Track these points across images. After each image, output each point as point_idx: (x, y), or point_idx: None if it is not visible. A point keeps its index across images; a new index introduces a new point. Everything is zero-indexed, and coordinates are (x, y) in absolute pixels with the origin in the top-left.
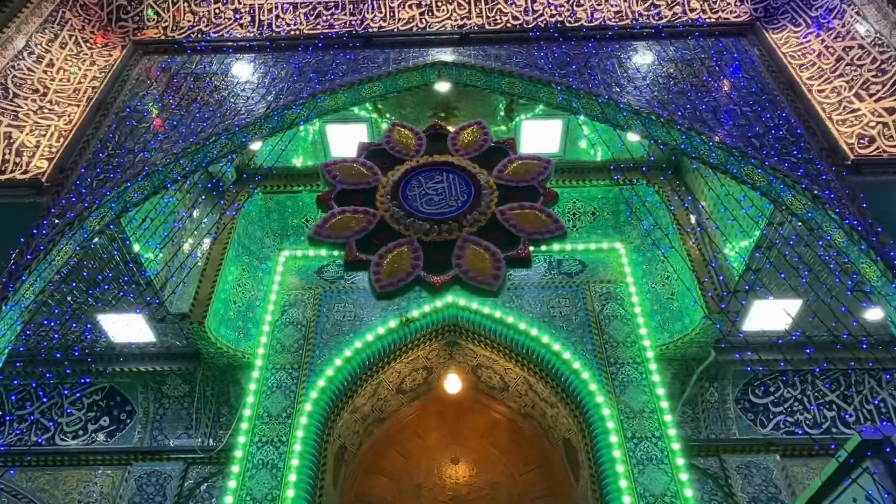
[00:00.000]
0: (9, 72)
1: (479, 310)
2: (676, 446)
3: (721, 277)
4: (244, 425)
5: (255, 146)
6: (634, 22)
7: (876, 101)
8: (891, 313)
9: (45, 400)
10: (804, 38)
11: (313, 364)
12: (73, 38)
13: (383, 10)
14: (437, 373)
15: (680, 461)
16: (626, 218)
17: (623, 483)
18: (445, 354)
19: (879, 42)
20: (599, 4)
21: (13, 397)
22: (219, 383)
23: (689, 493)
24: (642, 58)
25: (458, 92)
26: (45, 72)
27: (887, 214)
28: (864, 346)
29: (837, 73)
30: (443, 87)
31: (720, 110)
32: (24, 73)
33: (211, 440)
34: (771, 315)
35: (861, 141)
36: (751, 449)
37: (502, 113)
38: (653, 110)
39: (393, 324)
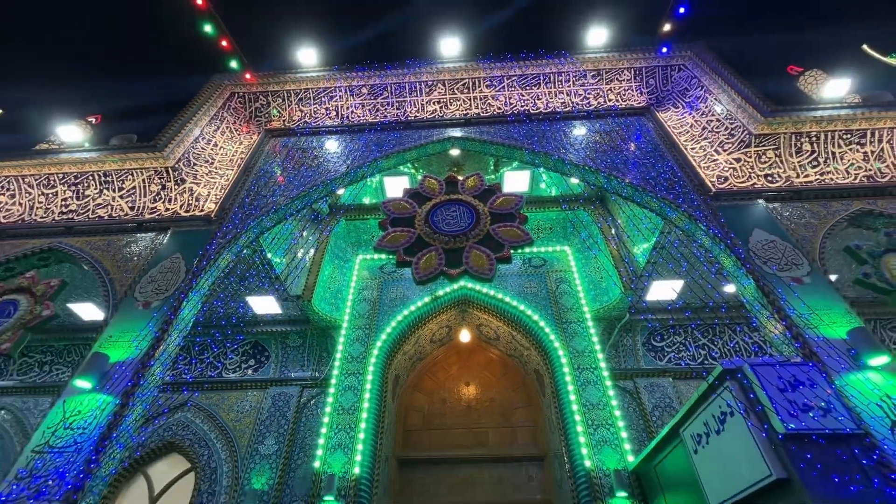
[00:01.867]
0: (190, 150)
1: (480, 290)
2: (605, 373)
3: (632, 268)
4: (337, 363)
5: (340, 192)
6: (573, 108)
7: (728, 153)
8: (740, 288)
9: (215, 349)
10: (681, 115)
11: (378, 325)
12: (228, 129)
13: (417, 105)
14: (455, 329)
15: (608, 383)
16: (571, 230)
17: (572, 397)
18: (459, 318)
19: (730, 117)
20: (551, 99)
21: (196, 348)
22: (320, 338)
23: (614, 402)
24: (579, 131)
25: (465, 154)
26: (211, 149)
27: (737, 225)
28: (724, 309)
29: (703, 136)
30: (454, 151)
31: (629, 162)
32: (198, 151)
33: (316, 373)
34: (664, 290)
35: (719, 179)
36: (653, 374)
37: (492, 167)
38: (586, 163)
39: (427, 299)
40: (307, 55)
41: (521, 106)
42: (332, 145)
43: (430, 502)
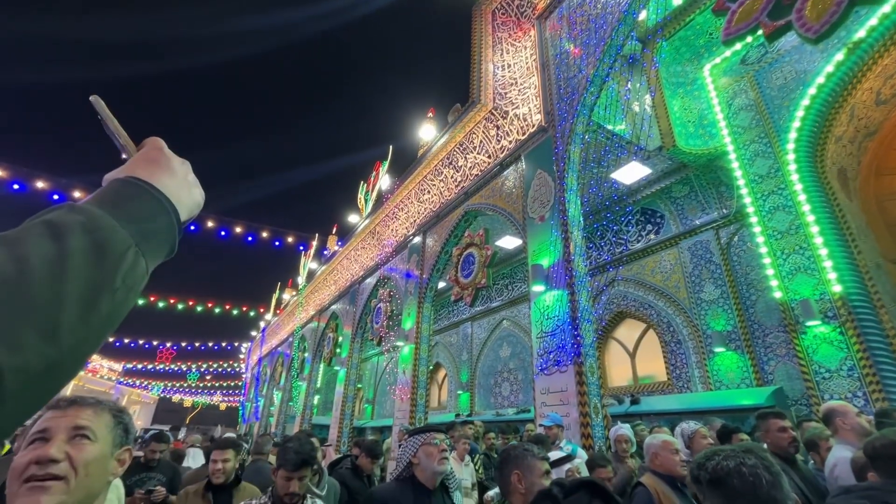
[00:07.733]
0: (496, 84)
1: None
2: None
3: None
4: (744, 191)
5: (641, 17)
6: None
7: None
8: None
9: (613, 228)
10: None
11: (777, 125)
12: (510, 44)
13: None
14: None
15: None
16: None
17: None
18: None
19: None
20: None
21: (598, 234)
22: (706, 175)
23: None
24: None
25: None
26: (507, 71)
27: None
28: None
29: None
30: None
31: None
32: (500, 80)
33: (723, 209)
34: None
35: None
36: None
37: None
38: None
39: (839, 56)
40: None
41: None
42: None
43: None
